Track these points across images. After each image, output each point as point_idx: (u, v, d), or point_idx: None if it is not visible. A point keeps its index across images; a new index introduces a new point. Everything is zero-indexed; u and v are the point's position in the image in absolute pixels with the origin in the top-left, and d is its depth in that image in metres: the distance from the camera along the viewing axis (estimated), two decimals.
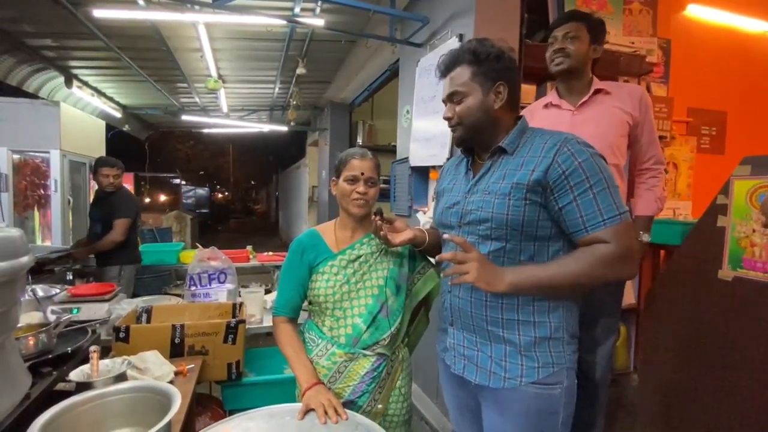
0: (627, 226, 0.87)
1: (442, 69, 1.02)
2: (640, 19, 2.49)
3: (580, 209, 0.87)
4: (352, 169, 1.13)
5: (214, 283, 2.06)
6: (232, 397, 1.71)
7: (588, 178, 0.86)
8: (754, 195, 1.24)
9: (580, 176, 0.86)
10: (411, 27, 2.56)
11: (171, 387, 1.02)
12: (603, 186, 0.86)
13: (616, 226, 0.85)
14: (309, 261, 1.15)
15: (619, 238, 0.85)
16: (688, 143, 2.87)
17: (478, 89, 0.96)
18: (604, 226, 0.85)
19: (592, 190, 0.86)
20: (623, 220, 0.86)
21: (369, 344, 1.11)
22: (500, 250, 0.93)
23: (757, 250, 1.23)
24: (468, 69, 0.96)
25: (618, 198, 0.88)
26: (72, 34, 3.24)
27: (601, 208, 0.86)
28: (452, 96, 0.99)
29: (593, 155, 0.88)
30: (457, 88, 0.97)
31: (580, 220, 0.87)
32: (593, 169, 0.87)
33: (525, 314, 0.93)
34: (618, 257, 0.85)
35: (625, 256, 0.85)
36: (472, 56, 0.96)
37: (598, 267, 0.85)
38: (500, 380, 0.93)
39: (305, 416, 0.98)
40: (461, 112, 0.98)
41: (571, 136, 0.91)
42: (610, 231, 0.85)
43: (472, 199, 0.98)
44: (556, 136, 0.92)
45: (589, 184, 0.86)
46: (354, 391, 1.09)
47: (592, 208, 0.86)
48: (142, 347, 1.45)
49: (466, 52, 0.97)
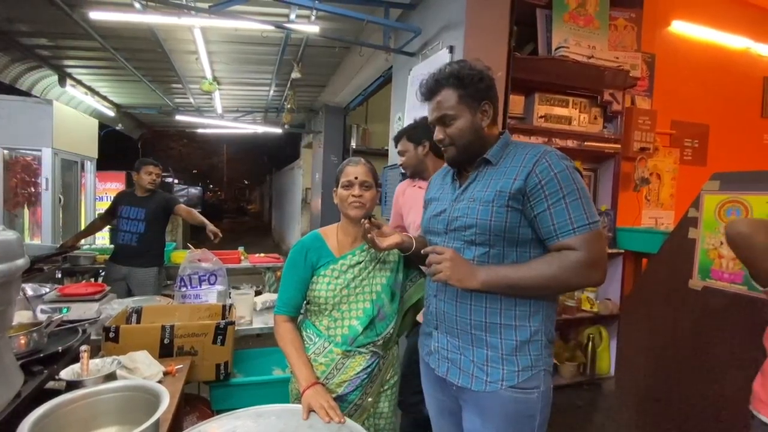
0: (596, 235, 0.92)
1: (426, 93, 1.06)
2: (625, 35, 2.57)
3: (553, 217, 0.92)
4: (346, 176, 1.20)
5: (205, 284, 2.09)
6: (221, 397, 1.73)
7: (562, 188, 0.91)
8: (722, 209, 1.30)
9: (554, 186, 0.92)
10: (404, 37, 2.61)
11: (160, 386, 1.04)
12: (575, 196, 0.92)
13: (585, 235, 0.91)
14: (312, 262, 1.21)
15: (587, 245, 0.90)
16: (671, 155, 2.96)
17: (466, 110, 1.01)
18: (574, 234, 0.91)
19: (565, 200, 0.91)
20: (593, 229, 0.91)
21: (364, 344, 1.17)
22: (485, 254, 0.98)
23: (724, 261, 1.30)
24: (454, 92, 1.01)
25: (590, 208, 0.93)
26: (67, 34, 3.25)
27: (572, 217, 0.91)
28: (442, 119, 1.03)
29: (569, 168, 0.94)
30: (447, 111, 1.01)
31: (552, 227, 0.93)
32: (567, 180, 0.92)
33: (507, 318, 0.98)
34: (585, 263, 0.90)
35: (592, 263, 0.91)
36: (457, 80, 1.00)
37: (566, 271, 0.91)
38: (482, 383, 0.98)
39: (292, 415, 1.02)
40: (453, 134, 1.02)
41: (550, 149, 0.97)
42: (579, 239, 0.91)
43: (458, 206, 1.03)
44: (537, 148, 0.98)
45: (563, 194, 0.91)
46: (349, 385, 1.15)
47: (564, 216, 0.91)
48: (132, 347, 1.47)
49: (449, 76, 1.01)
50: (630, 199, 2.79)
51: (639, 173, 2.74)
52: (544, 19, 2.35)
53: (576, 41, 2.31)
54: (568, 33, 2.34)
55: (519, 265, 0.96)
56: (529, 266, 0.95)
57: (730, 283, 1.27)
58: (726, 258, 1.29)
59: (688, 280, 1.39)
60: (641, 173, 2.74)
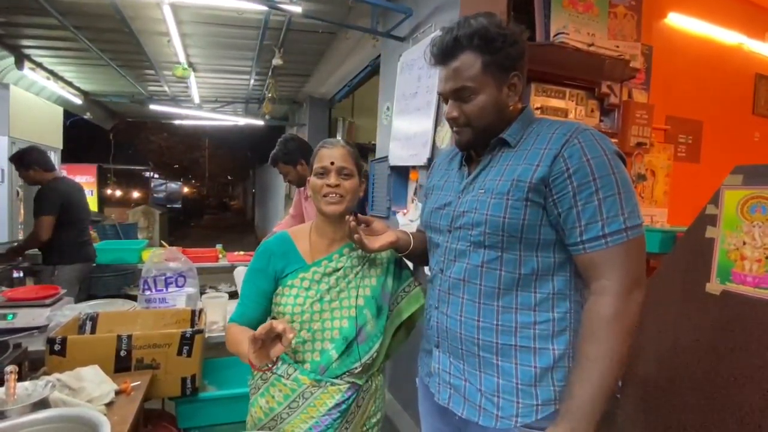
0: (634, 246, 0.73)
1: (439, 54, 0.83)
2: (624, 23, 2.47)
3: (580, 218, 0.73)
4: (320, 160, 0.96)
5: (172, 287, 1.88)
6: (188, 414, 1.56)
7: (595, 180, 0.72)
8: (746, 206, 1.19)
9: (586, 176, 0.72)
10: (393, 19, 2.45)
11: (98, 416, 0.86)
12: (612, 191, 0.72)
13: (619, 247, 0.71)
14: (276, 271, 0.98)
15: (620, 267, 0.71)
16: (665, 151, 2.89)
17: (491, 83, 0.80)
18: (605, 245, 0.72)
19: (597, 195, 0.72)
20: (630, 237, 0.72)
21: (338, 374, 0.95)
22: (496, 260, 0.79)
23: (747, 263, 1.18)
24: (478, 58, 0.79)
25: (630, 207, 0.73)
26: (21, 8, 2.93)
27: (605, 218, 0.72)
28: (459, 92, 0.81)
29: (607, 152, 0.74)
30: (466, 83, 0.80)
31: (577, 230, 0.73)
32: (604, 169, 0.72)
33: (524, 339, 0.78)
34: (622, 297, 0.71)
35: (628, 291, 0.71)
36: (483, 41, 0.78)
37: (616, 330, 0.71)
38: (491, 419, 0.79)
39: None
40: (472, 113, 0.81)
41: (585, 127, 0.77)
42: (610, 254, 0.71)
43: (465, 198, 0.84)
44: (567, 126, 0.78)
45: (596, 187, 0.72)
46: (317, 423, 0.92)
47: (594, 216, 0.72)
48: (82, 361, 1.28)
49: (474, 34, 0.78)
50: None
51: (635, 169, 2.65)
52: (542, 3, 2.22)
53: (575, 28, 2.18)
54: (567, 19, 2.22)
55: (582, 375, 0.72)
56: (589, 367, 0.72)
57: (754, 288, 1.16)
58: (750, 259, 1.17)
59: (705, 283, 1.28)
60: (638, 169, 2.65)
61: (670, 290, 1.39)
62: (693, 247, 1.33)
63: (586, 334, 0.74)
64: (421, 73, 2.15)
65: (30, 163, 2.69)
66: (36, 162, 2.70)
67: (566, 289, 0.80)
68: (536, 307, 0.78)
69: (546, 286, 0.79)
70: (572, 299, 0.80)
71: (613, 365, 0.71)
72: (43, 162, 2.74)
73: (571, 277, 0.80)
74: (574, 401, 0.72)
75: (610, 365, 0.70)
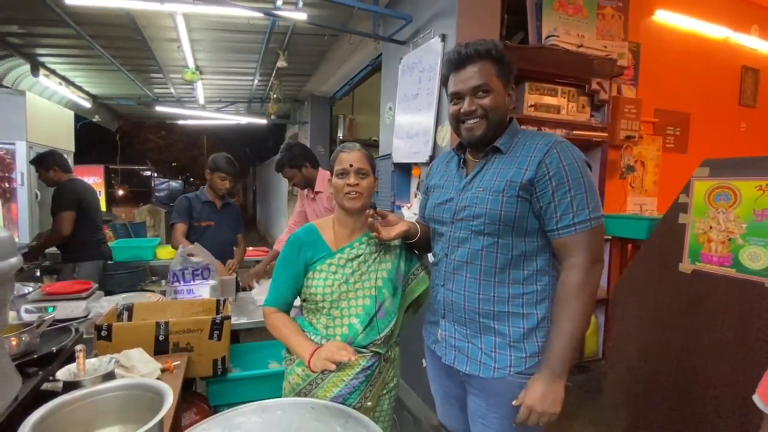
0: (596, 232, 0.94)
1: (458, 61, 1.00)
2: (612, 24, 2.60)
3: (556, 210, 0.93)
4: (340, 163, 1.13)
5: (198, 279, 2.05)
6: (218, 392, 1.72)
7: (568, 181, 0.92)
8: (712, 195, 1.35)
9: (561, 178, 0.92)
10: (394, 24, 2.57)
11: (162, 384, 1.02)
12: (581, 190, 0.92)
13: (585, 233, 0.92)
14: (306, 258, 1.14)
15: (586, 245, 0.92)
16: (654, 142, 3.03)
17: (501, 87, 0.99)
18: (575, 230, 0.92)
19: (570, 193, 0.92)
20: (593, 226, 0.93)
21: (364, 344, 1.12)
22: (493, 245, 0.98)
23: (713, 245, 1.34)
24: (494, 66, 0.98)
25: (593, 202, 0.94)
26: (40, 20, 3.07)
27: (575, 211, 0.92)
28: (478, 89, 0.98)
29: (578, 160, 0.94)
30: (486, 80, 0.97)
31: (554, 220, 0.94)
32: (575, 173, 0.92)
33: (515, 306, 0.99)
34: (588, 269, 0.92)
35: (592, 264, 0.93)
36: (495, 55, 0.97)
37: (581, 296, 0.92)
38: (490, 370, 0.99)
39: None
40: (489, 106, 0.98)
41: (561, 139, 0.97)
42: (579, 238, 0.92)
43: (466, 195, 1.02)
44: (548, 138, 0.98)
45: (569, 186, 0.92)
46: (347, 386, 1.10)
47: (567, 210, 0.92)
48: (126, 345, 1.44)
49: (490, 49, 0.97)
50: (616, 186, 2.85)
51: (625, 161, 2.80)
52: (534, 7, 2.35)
53: (565, 30, 2.32)
54: (558, 22, 2.35)
55: (555, 336, 0.94)
56: (559, 328, 0.93)
57: (719, 266, 1.32)
58: (715, 242, 1.33)
59: (679, 264, 1.44)
60: (627, 161, 2.80)
61: (649, 269, 1.55)
62: (668, 231, 1.49)
63: (561, 299, 0.95)
64: (422, 76, 2.28)
65: (51, 165, 2.86)
66: (56, 164, 2.88)
67: (546, 266, 1.00)
68: (524, 282, 0.99)
69: (531, 264, 0.99)
70: (551, 274, 1.01)
71: (582, 320, 0.93)
72: (62, 164, 2.91)
73: (550, 257, 1.01)
74: (553, 351, 0.93)
75: (579, 320, 0.92)
